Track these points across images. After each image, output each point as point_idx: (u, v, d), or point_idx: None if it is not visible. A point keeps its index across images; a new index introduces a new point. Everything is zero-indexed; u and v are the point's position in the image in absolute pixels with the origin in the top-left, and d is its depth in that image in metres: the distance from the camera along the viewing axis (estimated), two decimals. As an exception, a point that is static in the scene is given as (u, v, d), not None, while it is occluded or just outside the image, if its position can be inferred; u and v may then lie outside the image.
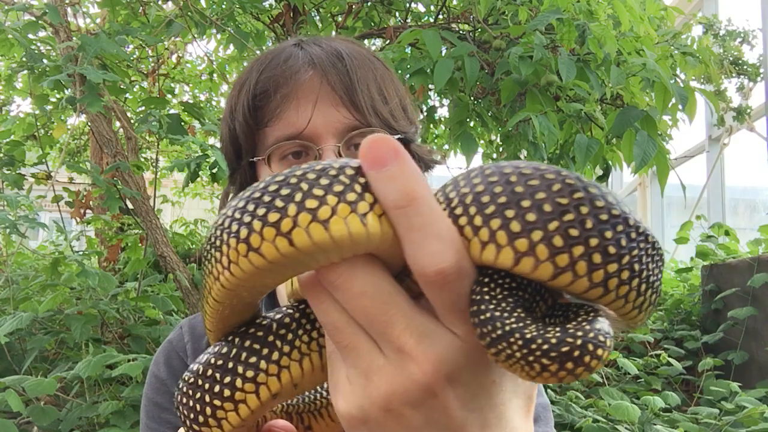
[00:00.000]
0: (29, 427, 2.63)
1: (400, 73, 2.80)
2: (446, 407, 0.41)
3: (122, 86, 3.12)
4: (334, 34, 3.46)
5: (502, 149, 3.78)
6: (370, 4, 3.50)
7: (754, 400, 3.16)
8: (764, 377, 3.80)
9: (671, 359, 3.74)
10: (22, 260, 4.09)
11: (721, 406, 3.15)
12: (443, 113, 3.88)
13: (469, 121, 3.13)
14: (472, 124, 3.24)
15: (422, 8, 3.70)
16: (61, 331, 3.07)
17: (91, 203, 3.06)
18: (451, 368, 0.40)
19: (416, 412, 0.41)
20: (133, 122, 3.48)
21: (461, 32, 3.15)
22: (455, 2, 3.50)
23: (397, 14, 3.61)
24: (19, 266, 3.97)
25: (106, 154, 3.04)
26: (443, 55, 2.66)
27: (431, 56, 2.60)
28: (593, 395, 3.46)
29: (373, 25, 3.56)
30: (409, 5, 3.55)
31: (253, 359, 0.45)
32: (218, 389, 0.46)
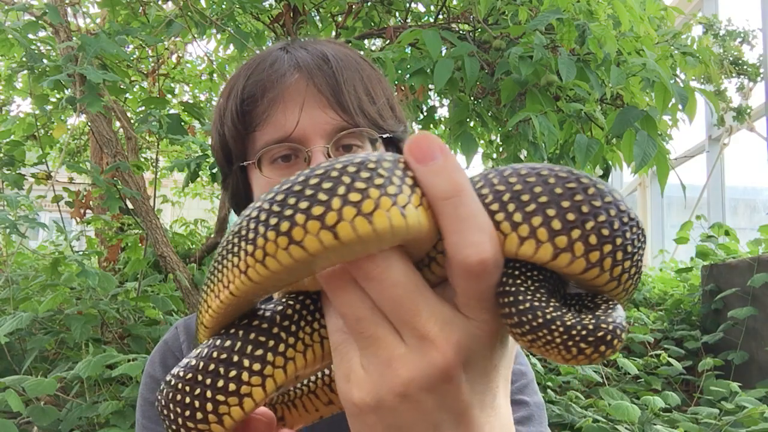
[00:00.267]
0: (29, 427, 2.63)
1: (399, 73, 2.80)
2: (458, 391, 0.43)
3: (122, 86, 3.12)
4: (334, 34, 3.46)
5: (502, 149, 3.78)
6: (370, 4, 3.50)
7: (754, 400, 3.16)
8: (764, 377, 3.81)
9: (671, 359, 3.74)
10: (22, 260, 4.09)
11: (721, 406, 3.15)
12: (443, 113, 3.88)
13: (469, 121, 3.13)
14: (472, 124, 3.24)
15: (422, 8, 3.70)
16: (61, 331, 3.06)
17: (91, 203, 3.05)
18: (467, 354, 0.43)
19: (430, 396, 0.43)
20: (133, 122, 3.48)
21: (461, 32, 3.15)
22: (455, 2, 3.50)
23: (397, 14, 3.61)
24: (19, 266, 3.96)
25: (106, 154, 3.04)
26: (443, 55, 2.67)
27: (431, 56, 2.60)
28: (593, 395, 3.46)
29: (373, 25, 3.56)
30: (409, 5, 3.55)
31: (259, 352, 0.46)
32: (222, 384, 0.45)
